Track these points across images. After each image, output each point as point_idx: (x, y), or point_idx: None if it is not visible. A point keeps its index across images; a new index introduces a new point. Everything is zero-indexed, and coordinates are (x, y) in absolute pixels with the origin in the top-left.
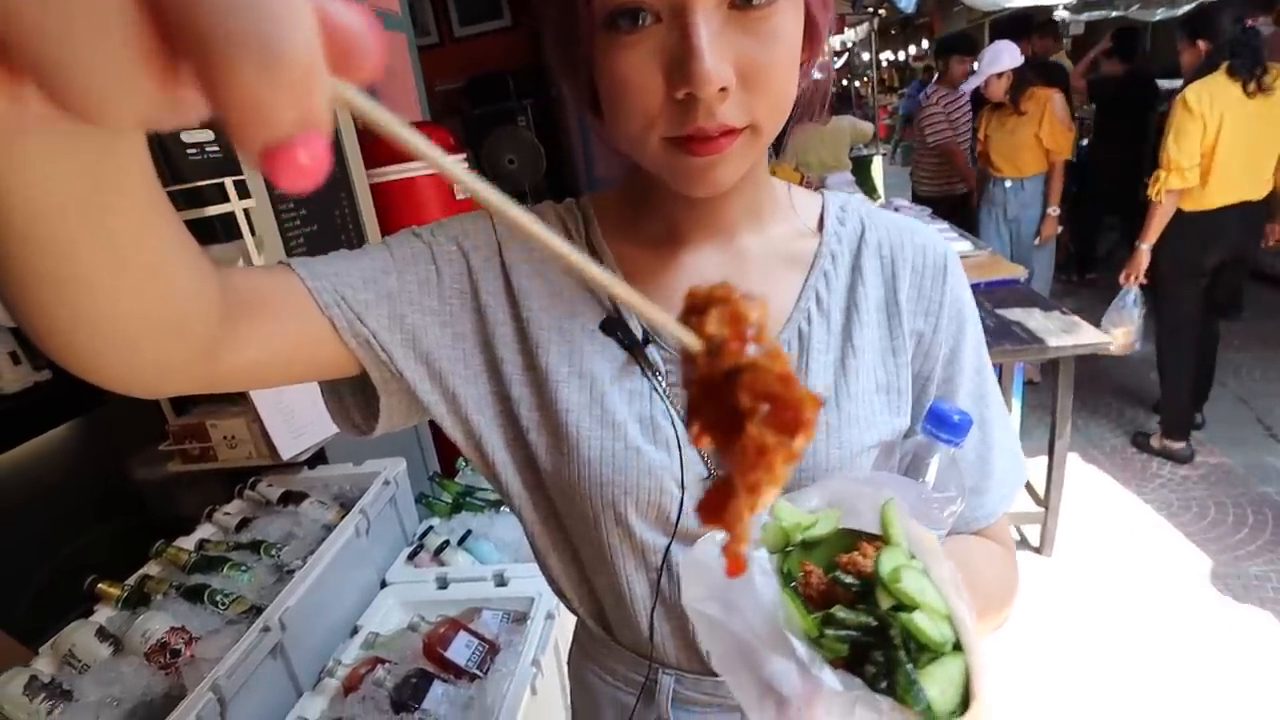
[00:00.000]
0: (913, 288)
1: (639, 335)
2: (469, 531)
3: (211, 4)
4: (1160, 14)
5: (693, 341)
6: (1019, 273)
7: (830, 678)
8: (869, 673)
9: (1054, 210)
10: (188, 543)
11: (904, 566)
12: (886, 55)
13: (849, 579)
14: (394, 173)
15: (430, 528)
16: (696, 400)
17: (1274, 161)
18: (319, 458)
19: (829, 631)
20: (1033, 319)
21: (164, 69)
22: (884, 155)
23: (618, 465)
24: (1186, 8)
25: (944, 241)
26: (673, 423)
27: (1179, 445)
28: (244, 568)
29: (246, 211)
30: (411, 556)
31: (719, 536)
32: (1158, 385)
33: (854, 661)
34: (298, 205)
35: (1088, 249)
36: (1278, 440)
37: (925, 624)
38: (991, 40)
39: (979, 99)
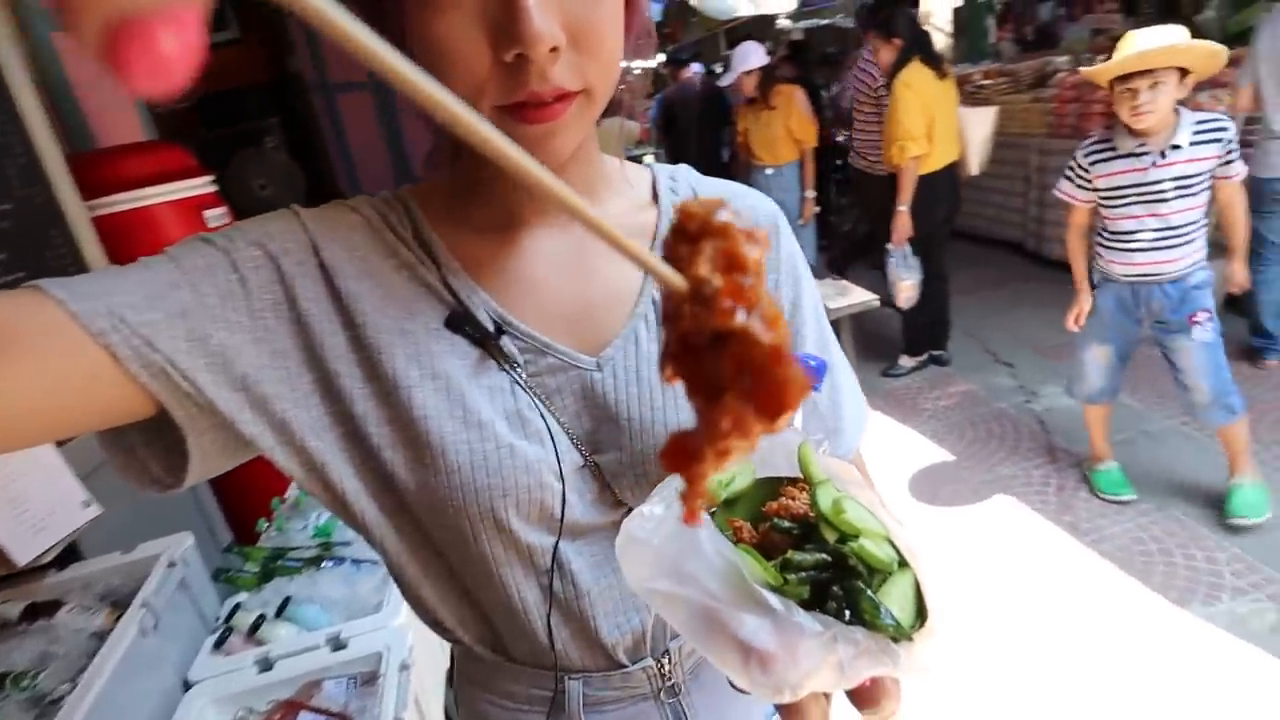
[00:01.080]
0: None
1: (489, 327)
2: (288, 599)
3: None
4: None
5: (679, 282)
6: None
7: (808, 620)
8: (831, 608)
9: (810, 193)
10: None
11: (842, 498)
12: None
13: (786, 524)
14: (123, 202)
15: (237, 606)
16: (675, 350)
17: (955, 130)
18: (70, 554)
19: (790, 576)
20: None
21: None
22: (655, 155)
23: (491, 467)
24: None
25: (770, 202)
26: (541, 415)
27: (920, 358)
28: None
29: None
30: (219, 644)
31: (648, 510)
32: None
33: (814, 601)
34: None
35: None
36: (1001, 363)
37: (872, 548)
38: (729, 48)
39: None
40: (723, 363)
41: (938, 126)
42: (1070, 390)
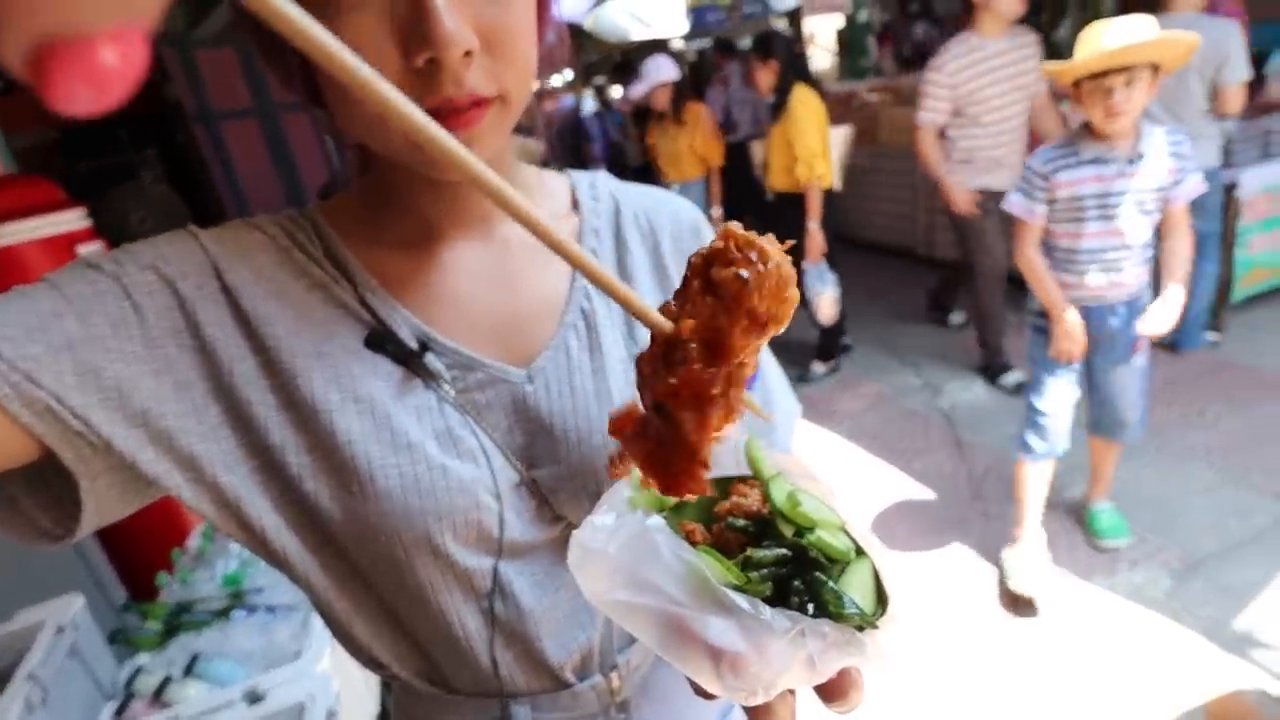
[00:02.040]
0: (674, 250)
1: (412, 344)
2: (195, 656)
3: None
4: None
5: (665, 325)
6: None
7: (777, 618)
8: (794, 603)
9: (717, 211)
10: None
11: (796, 491)
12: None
13: (741, 522)
14: None
15: (139, 669)
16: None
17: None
18: None
19: (752, 574)
20: None
21: None
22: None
23: (423, 490)
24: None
25: (690, 205)
26: (473, 432)
27: (833, 362)
28: None
29: None
30: (120, 712)
31: (599, 520)
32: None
33: (776, 599)
34: None
35: None
36: (904, 365)
37: (830, 539)
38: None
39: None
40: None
41: (826, 144)
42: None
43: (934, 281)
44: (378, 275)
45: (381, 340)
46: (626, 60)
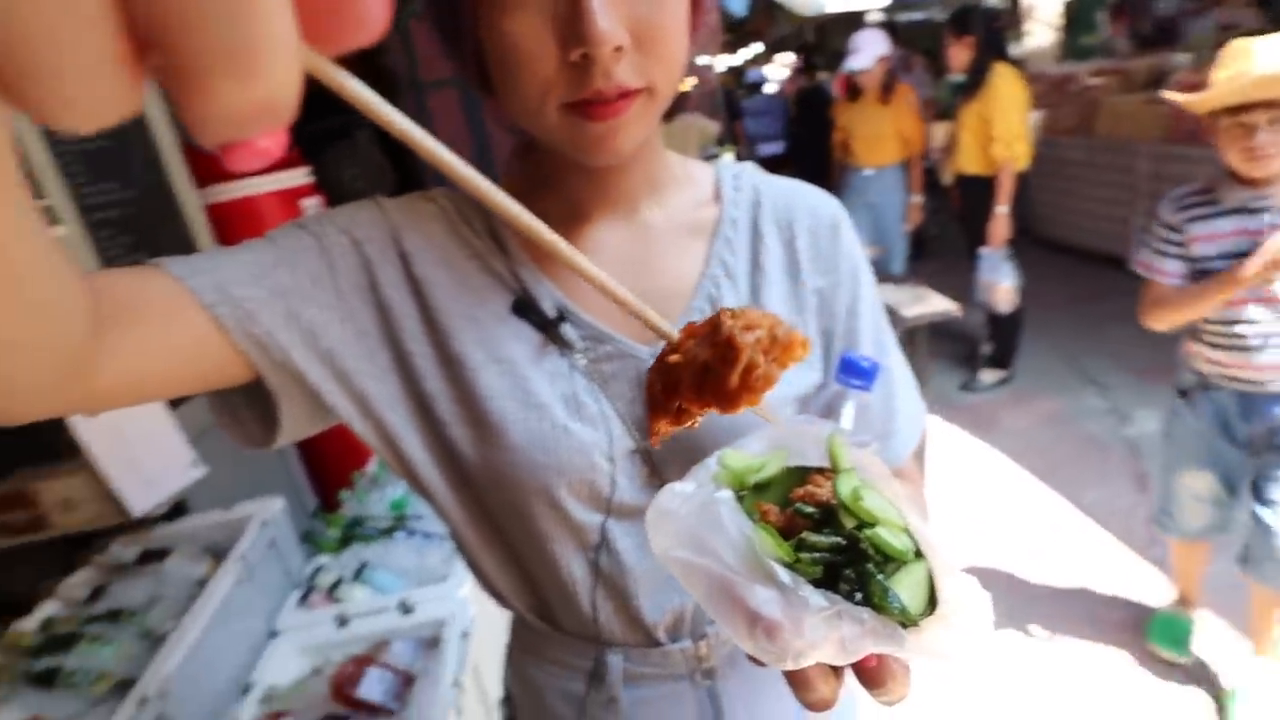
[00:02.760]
0: (810, 247)
1: (552, 314)
2: (364, 564)
3: (185, 12)
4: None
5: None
6: (872, 253)
7: (815, 595)
8: (843, 589)
9: (917, 198)
10: (28, 623)
11: (861, 487)
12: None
13: (809, 509)
14: (231, 191)
15: (319, 567)
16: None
17: None
18: (178, 509)
19: (803, 555)
20: (886, 292)
21: (134, 72)
22: (736, 153)
23: (547, 446)
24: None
25: (834, 201)
26: (597, 399)
27: (1005, 372)
28: (104, 640)
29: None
30: (303, 599)
31: (679, 486)
32: (982, 343)
33: (827, 582)
34: (120, 231)
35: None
36: (1092, 383)
37: (888, 536)
38: (816, 42)
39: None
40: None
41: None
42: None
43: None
44: (528, 249)
45: (525, 308)
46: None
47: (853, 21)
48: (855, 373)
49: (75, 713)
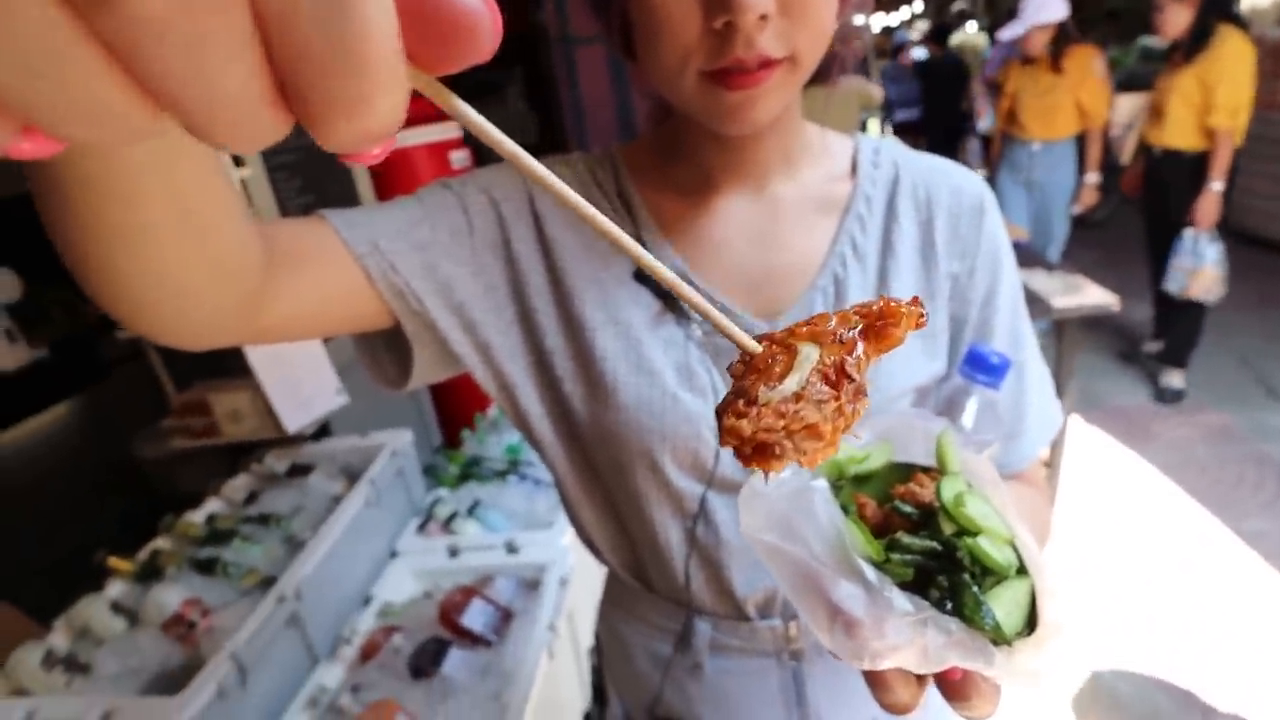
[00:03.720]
0: (948, 229)
1: None
2: (477, 501)
3: (310, 61)
4: None
5: (752, 345)
6: (1021, 235)
7: (900, 599)
8: (934, 596)
9: (1093, 177)
10: (197, 516)
11: (966, 492)
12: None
13: (908, 508)
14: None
15: (438, 499)
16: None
17: None
18: (323, 431)
19: (894, 556)
20: (1036, 279)
21: (277, 106)
22: (891, 126)
23: (655, 411)
24: None
25: (979, 182)
26: (708, 371)
27: (1182, 371)
28: (255, 540)
29: (243, 182)
30: (421, 527)
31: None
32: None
33: (917, 586)
34: (293, 175)
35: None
36: (1273, 398)
37: (989, 547)
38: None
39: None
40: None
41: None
42: None
43: None
44: (655, 215)
45: (646, 274)
46: (941, 23)
47: None
48: (983, 368)
49: (227, 600)
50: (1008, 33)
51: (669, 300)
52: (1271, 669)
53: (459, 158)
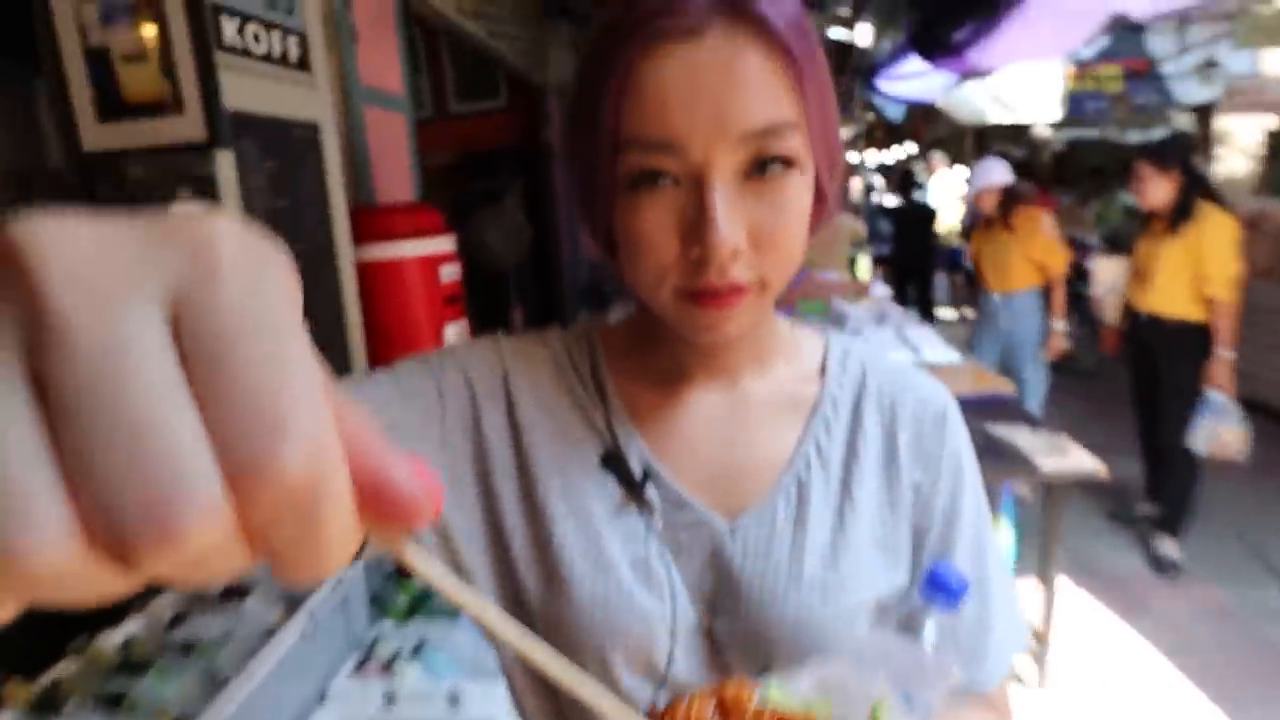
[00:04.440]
0: (913, 438)
1: (638, 473)
2: (423, 641)
3: (282, 547)
4: (1135, 136)
5: None
6: (1006, 387)
7: None
8: None
9: (1060, 324)
10: (113, 639)
11: None
12: (870, 156)
13: None
14: (380, 251)
15: (381, 635)
16: None
17: None
18: None
19: None
20: (1020, 436)
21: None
22: (874, 263)
23: (610, 609)
24: (1158, 131)
25: (944, 391)
26: (668, 567)
27: (1176, 540)
28: (173, 673)
29: (214, 180)
30: (360, 665)
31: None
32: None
33: None
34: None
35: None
36: (1275, 576)
37: None
38: (977, 148)
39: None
40: None
41: None
42: None
43: None
44: (628, 404)
45: (613, 462)
46: (906, 173)
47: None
48: (942, 589)
49: None
50: (967, 194)
51: (632, 490)
52: None
53: (448, 272)
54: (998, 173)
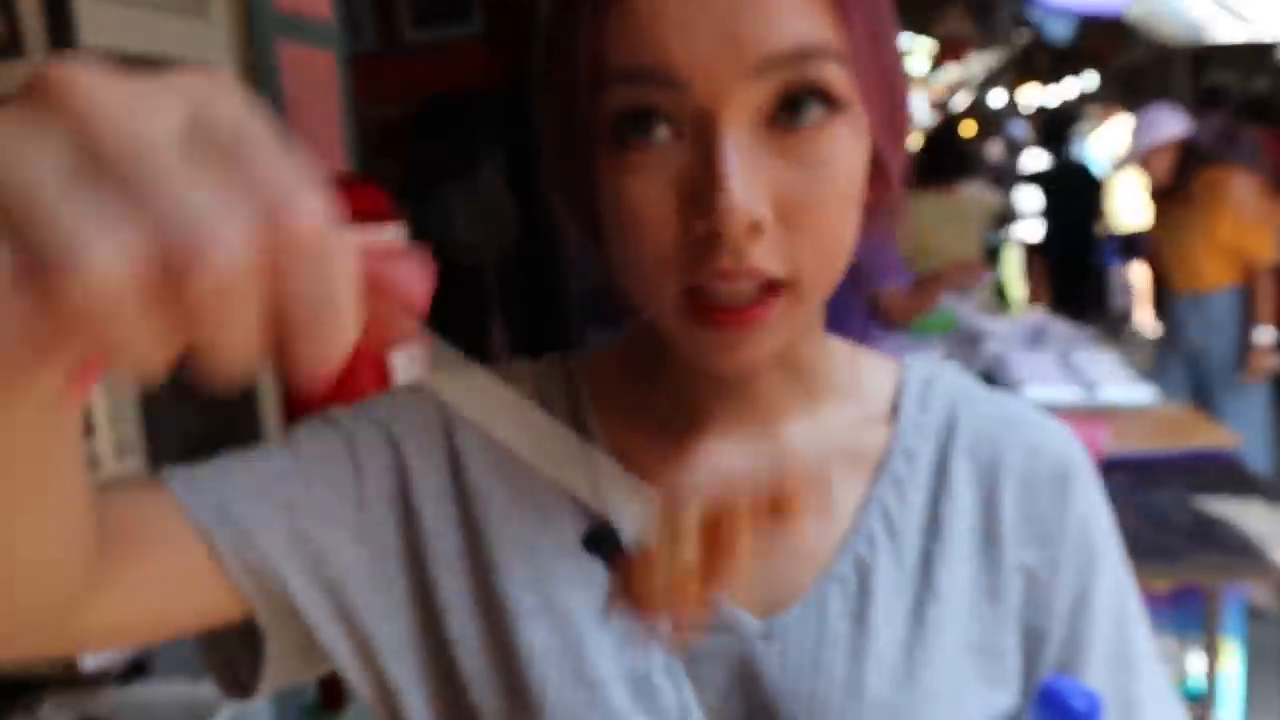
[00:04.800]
0: (1021, 505)
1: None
2: None
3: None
4: None
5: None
6: (1227, 441)
7: None
8: None
9: (1264, 335)
10: None
11: None
12: (1026, 95)
13: None
14: None
15: None
16: None
17: None
18: (137, 668)
19: None
20: (1250, 514)
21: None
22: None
23: None
24: None
25: (1067, 439)
26: (677, 685)
27: None
28: None
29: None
30: None
31: None
32: None
33: None
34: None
35: None
36: None
37: None
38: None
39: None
40: None
41: None
42: None
43: None
44: (624, 459)
45: (601, 540)
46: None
47: (1254, 57)
48: (1062, 713)
49: None
50: (1133, 152)
51: None
52: None
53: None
54: (1167, 124)
